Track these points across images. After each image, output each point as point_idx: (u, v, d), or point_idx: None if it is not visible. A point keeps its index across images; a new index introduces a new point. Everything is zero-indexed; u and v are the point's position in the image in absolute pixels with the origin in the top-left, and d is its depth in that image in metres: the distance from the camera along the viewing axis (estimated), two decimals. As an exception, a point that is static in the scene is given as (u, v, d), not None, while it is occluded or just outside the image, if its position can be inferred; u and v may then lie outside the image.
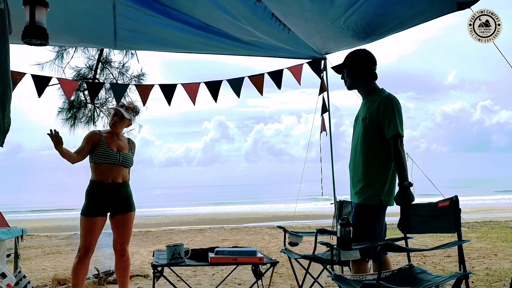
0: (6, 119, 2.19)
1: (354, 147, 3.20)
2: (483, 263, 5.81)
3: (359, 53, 3.23)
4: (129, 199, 3.91)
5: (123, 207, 3.86)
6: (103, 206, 3.76)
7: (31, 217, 26.71)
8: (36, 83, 4.41)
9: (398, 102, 3.03)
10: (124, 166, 3.88)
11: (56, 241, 10.36)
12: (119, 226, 3.87)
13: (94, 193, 3.77)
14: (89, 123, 6.98)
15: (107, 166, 3.78)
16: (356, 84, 3.23)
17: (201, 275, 5.52)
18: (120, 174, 3.85)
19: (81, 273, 3.70)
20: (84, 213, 3.73)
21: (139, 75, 6.93)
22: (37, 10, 2.46)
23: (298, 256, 3.64)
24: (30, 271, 6.15)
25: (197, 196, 47.49)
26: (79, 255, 3.69)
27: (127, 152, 3.94)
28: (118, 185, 3.83)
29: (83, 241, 3.70)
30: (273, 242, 8.80)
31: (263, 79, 4.80)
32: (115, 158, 3.80)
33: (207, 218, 20.40)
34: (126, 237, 3.91)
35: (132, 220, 3.94)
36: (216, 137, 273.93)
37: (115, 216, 3.85)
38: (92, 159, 3.80)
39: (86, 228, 3.70)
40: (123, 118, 3.93)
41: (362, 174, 3.05)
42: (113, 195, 3.80)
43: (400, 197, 2.89)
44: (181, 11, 4.02)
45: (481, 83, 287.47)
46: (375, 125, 3.01)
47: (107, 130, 4.00)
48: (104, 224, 3.81)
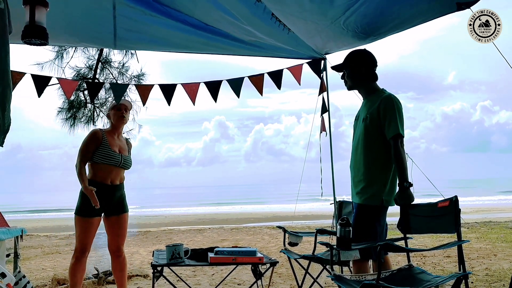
0: (6, 119, 2.19)
1: (355, 147, 3.20)
2: (483, 264, 5.81)
3: (359, 54, 3.22)
4: (123, 201, 3.87)
5: (117, 208, 3.81)
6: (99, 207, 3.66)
7: (31, 217, 26.72)
8: (36, 83, 4.40)
9: (399, 102, 3.03)
10: (124, 168, 3.85)
11: (55, 241, 10.36)
12: (114, 227, 3.82)
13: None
14: (89, 123, 6.97)
15: (107, 167, 3.71)
16: (356, 84, 3.23)
17: (200, 275, 5.52)
18: (118, 176, 3.81)
19: (79, 274, 3.67)
20: (78, 213, 3.66)
21: (139, 75, 6.92)
22: (37, 10, 2.46)
23: (297, 256, 3.64)
24: (29, 271, 6.15)
25: (196, 196, 47.47)
26: (75, 255, 3.66)
27: (127, 154, 3.90)
28: (115, 187, 3.78)
29: (79, 241, 3.66)
30: (272, 242, 8.81)
31: (263, 79, 4.79)
32: (117, 160, 3.75)
33: (207, 218, 20.40)
34: (121, 238, 3.86)
35: (126, 220, 3.89)
36: (216, 137, 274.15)
37: (110, 217, 3.80)
38: (93, 158, 3.70)
39: (82, 228, 3.65)
40: (127, 111, 3.92)
41: (363, 175, 3.05)
42: (109, 196, 3.73)
43: (400, 197, 2.89)
44: (181, 11, 4.01)
45: (481, 83, 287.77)
46: (376, 125, 3.01)
47: (107, 129, 3.91)
48: (99, 224, 3.76)
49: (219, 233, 11.07)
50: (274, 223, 13.87)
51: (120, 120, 3.86)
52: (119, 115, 3.85)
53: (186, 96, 4.74)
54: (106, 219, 3.80)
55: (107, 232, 3.87)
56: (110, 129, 3.89)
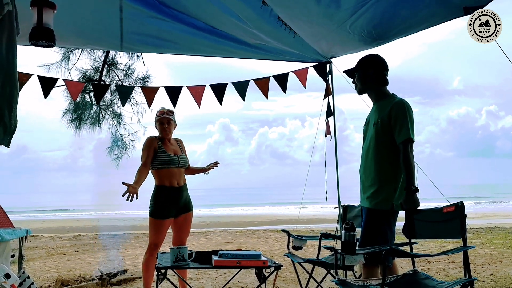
0: (12, 120, 2.20)
1: (365, 152, 3.19)
2: (488, 270, 5.77)
3: (371, 58, 3.22)
4: (189, 200, 4.19)
5: (185, 207, 4.12)
6: (170, 209, 4.01)
7: (36, 217, 26.80)
8: (43, 84, 4.42)
9: (410, 107, 3.03)
10: (183, 167, 4.13)
11: (60, 242, 10.38)
12: (181, 225, 4.13)
13: (160, 197, 4.01)
14: (95, 124, 7.01)
15: (168, 170, 4.01)
16: (367, 89, 3.22)
17: (204, 278, 5.52)
18: (181, 177, 4.11)
19: (151, 267, 3.93)
20: (152, 215, 4.00)
21: (144, 77, 6.94)
22: (44, 12, 2.47)
23: (301, 260, 3.62)
24: (34, 272, 6.16)
25: (200, 198, 47.52)
26: (149, 251, 4.01)
27: (181, 153, 4.18)
28: (181, 188, 4.09)
29: (153, 240, 4.01)
30: (276, 246, 8.78)
31: (268, 83, 4.79)
32: (176, 162, 4.05)
33: (211, 221, 20.39)
34: (185, 234, 4.19)
35: (191, 218, 4.21)
36: (220, 140, 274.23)
37: (179, 216, 4.10)
38: (154, 165, 4.01)
39: (155, 229, 4.00)
40: (170, 122, 4.13)
41: (374, 179, 3.05)
42: (179, 197, 4.06)
43: (406, 202, 2.88)
44: (187, 13, 4.02)
45: (486, 88, 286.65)
46: (387, 130, 3.01)
47: (157, 136, 4.17)
48: (170, 224, 4.07)
49: (223, 236, 11.06)
50: (278, 227, 13.86)
51: (164, 133, 4.13)
52: (162, 129, 4.13)
53: (191, 99, 4.75)
54: (175, 218, 4.10)
55: (173, 230, 4.18)
56: (161, 136, 4.17)
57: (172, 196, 4.01)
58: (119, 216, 25.06)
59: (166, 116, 4.12)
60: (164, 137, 4.14)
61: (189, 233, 4.27)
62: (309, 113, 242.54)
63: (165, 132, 4.12)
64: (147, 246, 4.07)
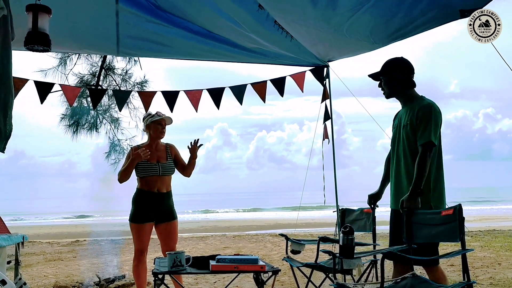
0: (7, 125, 2.19)
1: (396, 154, 3.18)
2: (487, 273, 5.76)
3: (396, 62, 3.18)
4: (171, 208, 4.13)
5: (166, 215, 4.07)
6: (148, 213, 3.99)
7: (33, 223, 26.70)
8: (39, 89, 4.42)
9: (438, 111, 3.01)
10: (166, 175, 4.06)
11: (57, 248, 10.33)
12: (164, 234, 4.10)
13: (138, 201, 4.03)
14: (92, 129, 6.98)
15: (150, 177, 4.00)
16: (395, 93, 3.19)
17: (202, 283, 5.49)
18: (164, 184, 4.06)
19: (142, 274, 4.05)
20: (132, 220, 4.03)
21: (142, 82, 6.93)
22: (39, 17, 2.47)
23: (300, 264, 3.61)
24: (31, 278, 6.13)
25: (198, 203, 47.42)
26: (136, 257, 4.04)
27: (166, 161, 4.09)
28: (162, 195, 4.05)
29: (136, 244, 4.03)
30: (275, 250, 8.76)
31: (265, 87, 4.80)
32: (156, 170, 4.00)
33: (209, 226, 20.34)
34: (172, 243, 4.13)
35: (175, 227, 4.16)
36: (218, 144, 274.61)
37: (159, 224, 4.07)
38: (136, 172, 4.03)
39: (136, 233, 4.02)
40: (165, 125, 4.13)
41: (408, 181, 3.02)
42: (158, 204, 4.02)
43: (407, 200, 2.87)
44: (184, 18, 4.03)
45: (483, 91, 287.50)
46: (415, 132, 3.00)
47: (145, 142, 4.15)
48: (152, 229, 4.06)
49: (221, 241, 11.03)
50: (277, 231, 13.81)
51: (161, 134, 4.12)
52: (160, 130, 4.09)
53: (188, 103, 4.75)
54: (156, 226, 4.07)
55: (159, 238, 4.16)
56: (148, 142, 4.12)
57: (151, 200, 4.00)
58: (117, 221, 25.01)
59: (164, 118, 4.10)
60: (153, 140, 4.10)
61: (176, 242, 4.21)
62: (307, 117, 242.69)
63: (162, 134, 4.11)
64: (133, 254, 4.07)
